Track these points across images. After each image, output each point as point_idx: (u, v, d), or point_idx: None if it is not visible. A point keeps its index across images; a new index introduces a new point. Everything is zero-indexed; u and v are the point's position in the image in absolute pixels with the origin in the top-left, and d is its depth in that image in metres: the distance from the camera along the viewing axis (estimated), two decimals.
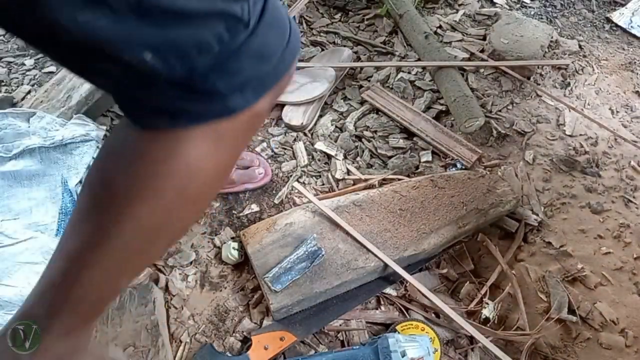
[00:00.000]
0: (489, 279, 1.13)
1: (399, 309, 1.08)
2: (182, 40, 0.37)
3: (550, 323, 1.03)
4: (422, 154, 1.34)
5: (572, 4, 1.87)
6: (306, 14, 1.72)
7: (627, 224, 1.18)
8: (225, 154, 0.49)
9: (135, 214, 0.45)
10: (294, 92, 1.42)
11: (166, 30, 0.36)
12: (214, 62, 0.39)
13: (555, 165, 1.31)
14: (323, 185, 1.28)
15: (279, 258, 1.05)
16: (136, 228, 0.47)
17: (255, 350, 0.96)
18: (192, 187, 0.47)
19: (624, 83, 1.57)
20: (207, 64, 0.39)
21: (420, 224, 1.13)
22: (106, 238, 0.47)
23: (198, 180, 0.47)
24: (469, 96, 1.38)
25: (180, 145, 0.44)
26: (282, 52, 0.46)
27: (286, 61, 0.47)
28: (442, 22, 1.70)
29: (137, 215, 0.46)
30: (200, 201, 0.52)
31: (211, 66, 0.40)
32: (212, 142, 0.45)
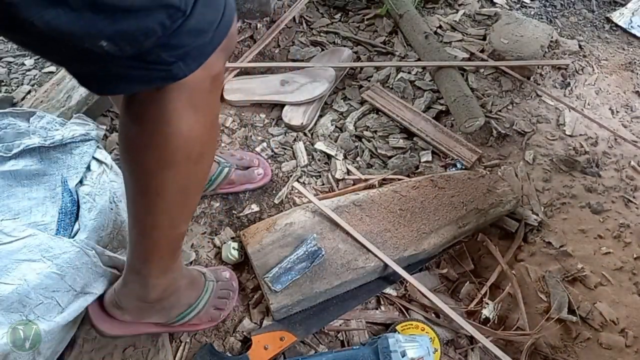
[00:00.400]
0: (489, 279, 1.14)
1: (399, 309, 1.08)
2: (131, 30, 0.46)
3: (550, 323, 1.03)
4: (422, 154, 1.34)
5: (572, 4, 1.87)
6: (306, 14, 1.72)
7: (627, 224, 1.18)
8: (203, 114, 0.61)
9: (166, 182, 0.64)
10: (294, 92, 1.42)
11: (117, 23, 0.45)
12: (158, 42, 0.49)
13: (555, 165, 1.31)
14: (323, 185, 1.28)
15: (279, 258, 1.05)
16: (171, 190, 0.66)
17: (255, 350, 0.96)
18: (188, 146, 0.62)
19: (624, 83, 1.57)
20: (152, 43, 0.49)
21: (420, 224, 1.13)
22: (157, 201, 0.67)
23: (191, 140, 0.61)
24: (469, 96, 1.38)
25: (163, 113, 0.58)
26: (218, 25, 0.55)
27: (222, 32, 0.56)
28: (442, 22, 1.70)
29: (167, 183, 0.65)
30: (204, 157, 0.67)
31: (156, 44, 0.49)
32: (188, 105, 0.58)
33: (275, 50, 1.63)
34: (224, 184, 1.19)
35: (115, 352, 0.97)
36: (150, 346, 0.98)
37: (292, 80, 1.45)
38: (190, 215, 0.77)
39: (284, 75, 1.49)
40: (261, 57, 1.60)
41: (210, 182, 1.17)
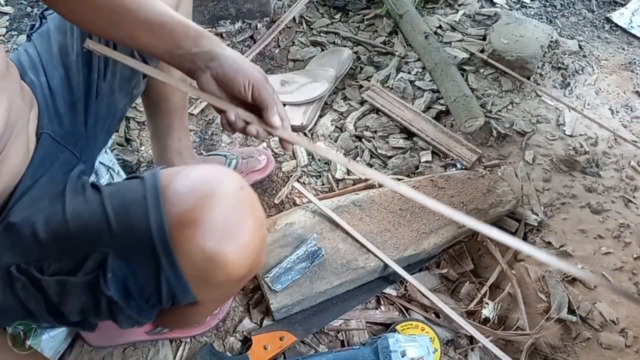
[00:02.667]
0: (489, 279, 1.13)
1: (399, 309, 1.08)
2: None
3: (550, 323, 1.03)
4: (422, 154, 1.34)
5: (572, 4, 1.87)
6: (306, 14, 1.72)
7: (627, 224, 1.18)
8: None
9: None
10: (294, 92, 1.43)
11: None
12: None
13: (555, 165, 1.31)
14: (323, 185, 1.28)
15: (279, 258, 1.05)
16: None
17: (255, 350, 0.96)
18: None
19: (624, 83, 1.57)
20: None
21: (420, 224, 1.13)
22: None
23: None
24: (469, 96, 1.38)
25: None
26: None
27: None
28: (442, 22, 1.70)
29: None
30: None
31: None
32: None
33: (275, 50, 1.63)
34: None
35: (115, 352, 0.97)
36: (150, 346, 0.98)
37: (292, 81, 1.45)
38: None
39: (284, 76, 1.49)
40: (261, 57, 1.60)
41: None
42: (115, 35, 0.68)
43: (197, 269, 0.55)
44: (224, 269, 0.55)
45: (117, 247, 0.55)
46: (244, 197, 0.57)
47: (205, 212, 0.53)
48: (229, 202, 0.55)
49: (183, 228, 0.53)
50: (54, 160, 0.69)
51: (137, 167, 1.28)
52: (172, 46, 0.65)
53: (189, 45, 0.64)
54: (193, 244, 0.53)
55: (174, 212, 0.54)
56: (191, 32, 0.65)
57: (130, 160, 1.29)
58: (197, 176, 0.56)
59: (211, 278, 0.56)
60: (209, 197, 0.54)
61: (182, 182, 0.56)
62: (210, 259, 0.54)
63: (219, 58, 0.65)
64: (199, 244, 0.53)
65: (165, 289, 0.55)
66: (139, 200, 0.55)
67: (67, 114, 0.75)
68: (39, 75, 0.73)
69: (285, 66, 1.60)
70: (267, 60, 1.60)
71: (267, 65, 1.59)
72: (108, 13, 0.64)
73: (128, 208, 0.55)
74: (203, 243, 0.53)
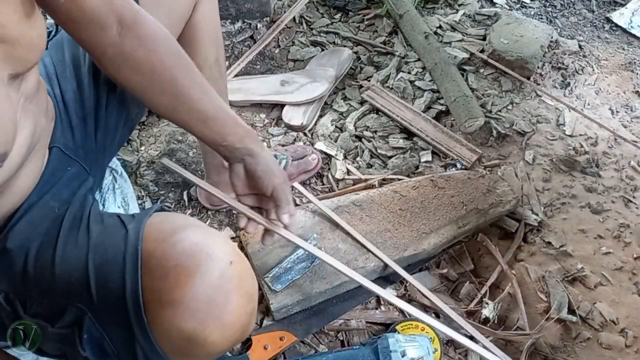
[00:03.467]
0: (489, 279, 1.13)
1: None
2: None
3: (550, 323, 1.03)
4: (422, 154, 1.34)
5: (572, 4, 1.87)
6: (306, 14, 1.72)
7: (627, 224, 1.18)
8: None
9: None
10: (294, 92, 1.43)
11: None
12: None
13: (555, 165, 1.31)
14: (323, 185, 1.28)
15: (279, 258, 1.05)
16: None
17: (255, 350, 0.96)
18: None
19: (624, 83, 1.57)
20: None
21: (420, 224, 1.13)
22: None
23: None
24: (469, 96, 1.38)
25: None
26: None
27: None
28: (442, 22, 1.70)
29: None
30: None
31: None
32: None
33: (275, 50, 1.63)
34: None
35: None
36: None
37: (292, 81, 1.45)
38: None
39: (284, 76, 1.49)
40: (261, 57, 1.60)
41: None
42: (169, 116, 0.72)
43: (174, 345, 0.53)
44: (203, 348, 0.53)
45: (94, 308, 0.54)
46: (232, 273, 0.55)
47: (187, 291, 0.51)
48: (214, 280, 0.52)
49: (162, 307, 0.51)
50: (62, 174, 0.68)
51: (137, 167, 1.28)
52: (219, 138, 0.72)
53: (233, 141, 0.72)
54: (172, 324, 0.51)
55: (153, 288, 0.52)
56: (239, 130, 0.73)
57: (130, 160, 1.29)
58: (183, 248, 0.53)
59: (190, 354, 0.55)
60: (192, 275, 0.51)
61: (167, 252, 0.53)
62: (190, 339, 0.52)
63: (256, 157, 0.74)
64: (177, 325, 0.51)
65: (141, 355, 0.54)
66: (119, 262, 0.54)
67: (79, 127, 0.75)
68: (54, 87, 0.73)
69: (285, 66, 1.60)
70: (267, 60, 1.60)
71: (267, 65, 1.59)
72: (171, 97, 0.68)
73: (108, 269, 0.55)
74: (183, 324, 0.51)
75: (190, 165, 1.30)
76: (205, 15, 0.90)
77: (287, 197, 0.74)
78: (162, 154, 0.72)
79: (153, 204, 1.24)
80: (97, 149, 0.79)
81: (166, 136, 1.34)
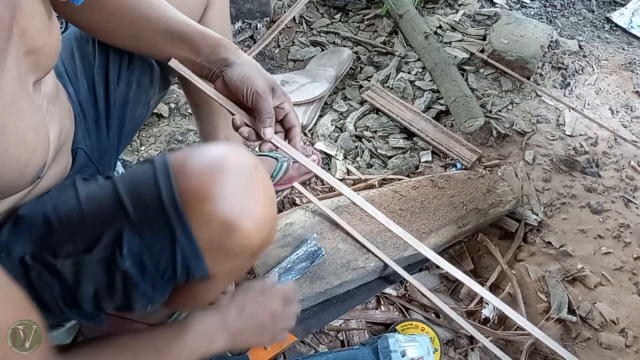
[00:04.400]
0: (489, 279, 1.13)
1: (399, 309, 1.08)
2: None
3: (550, 323, 1.03)
4: (422, 154, 1.34)
5: (572, 4, 1.87)
6: (306, 14, 1.72)
7: (627, 224, 1.18)
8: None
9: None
10: (294, 92, 1.42)
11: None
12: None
13: (555, 165, 1.31)
14: (323, 185, 1.28)
15: (279, 258, 1.05)
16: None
17: (255, 350, 0.96)
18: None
19: (624, 83, 1.57)
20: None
21: (420, 224, 1.13)
22: None
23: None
24: (468, 96, 1.38)
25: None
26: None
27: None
28: (442, 22, 1.70)
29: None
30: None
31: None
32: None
33: (275, 50, 1.63)
34: (284, 180, 1.21)
35: None
36: None
37: (292, 81, 1.45)
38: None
39: (284, 76, 1.49)
40: (261, 57, 1.60)
41: (273, 178, 1.19)
42: (137, 46, 0.71)
43: (212, 238, 0.56)
44: (239, 238, 0.56)
45: (131, 223, 0.55)
46: (258, 174, 0.59)
47: (222, 185, 0.55)
48: (244, 179, 0.57)
49: (202, 202, 0.54)
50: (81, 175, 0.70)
51: None
52: (191, 54, 0.69)
53: (207, 54, 0.68)
54: (209, 214, 0.54)
55: (189, 187, 0.55)
56: (209, 41, 0.69)
57: (130, 160, 1.29)
58: (212, 154, 0.58)
59: (226, 247, 0.57)
60: (225, 171, 0.56)
61: (197, 160, 0.57)
62: (226, 227, 0.55)
63: (232, 66, 0.69)
64: (215, 213, 0.54)
65: (180, 260, 0.56)
66: (150, 178, 0.56)
67: (94, 129, 0.76)
68: (67, 87, 0.74)
69: (285, 66, 1.60)
70: (267, 60, 1.60)
71: (267, 65, 1.59)
72: (130, 25, 0.67)
73: (139, 186, 0.57)
74: (220, 211, 0.54)
75: None
76: (215, 18, 0.90)
77: (265, 107, 0.69)
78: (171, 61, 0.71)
79: None
80: (110, 150, 0.80)
81: (166, 136, 1.34)
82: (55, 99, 0.60)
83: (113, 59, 0.78)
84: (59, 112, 0.61)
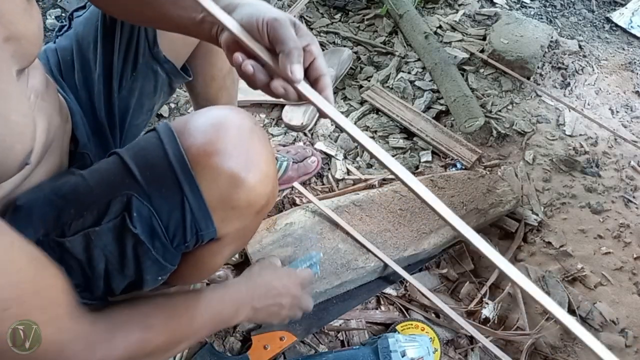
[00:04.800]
0: (489, 279, 1.13)
1: (399, 309, 1.08)
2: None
3: (550, 323, 1.03)
4: (422, 154, 1.34)
5: (572, 4, 1.87)
6: (306, 14, 1.72)
7: (627, 224, 1.18)
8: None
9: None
10: None
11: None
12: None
13: (555, 165, 1.31)
14: (323, 185, 1.28)
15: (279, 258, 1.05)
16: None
17: (255, 350, 0.96)
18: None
19: (624, 83, 1.57)
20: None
21: (420, 224, 1.13)
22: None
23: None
24: (468, 96, 1.38)
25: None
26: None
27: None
28: (442, 22, 1.70)
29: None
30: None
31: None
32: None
33: None
34: (283, 180, 1.21)
35: None
36: None
37: None
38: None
39: None
40: None
41: None
42: (144, 17, 0.66)
43: (220, 193, 0.56)
44: (245, 191, 0.57)
45: (140, 187, 0.55)
46: (259, 132, 0.60)
47: (226, 140, 0.55)
48: (246, 133, 0.57)
49: (209, 157, 0.55)
50: None
51: None
52: (195, 12, 0.58)
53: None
54: (216, 168, 0.55)
55: (195, 144, 0.55)
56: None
57: None
58: (213, 114, 0.58)
59: (233, 201, 0.57)
60: (228, 128, 0.56)
61: (200, 120, 0.57)
62: (233, 180, 0.56)
63: (237, 8, 0.54)
64: (222, 166, 0.55)
65: (190, 220, 0.56)
66: (155, 141, 0.56)
67: (96, 137, 0.76)
68: (67, 93, 0.73)
69: None
70: None
71: None
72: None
73: (146, 152, 0.57)
74: (227, 165, 0.55)
75: None
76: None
77: (289, 35, 0.51)
78: None
79: None
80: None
81: None
82: (44, 94, 0.59)
83: (116, 66, 0.77)
84: (49, 107, 0.60)
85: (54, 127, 0.61)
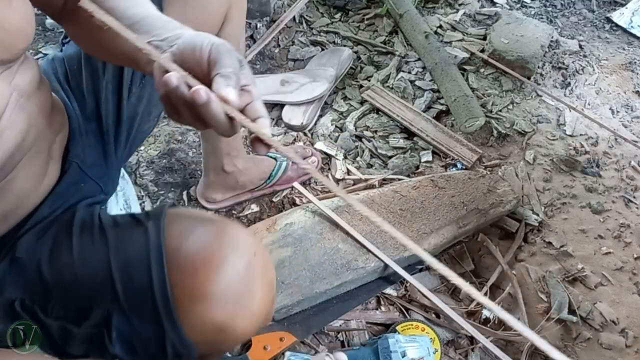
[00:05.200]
0: (489, 279, 1.13)
1: (399, 309, 1.08)
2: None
3: (550, 323, 1.03)
4: (423, 154, 1.34)
5: (572, 4, 1.87)
6: (306, 13, 1.72)
7: (627, 224, 1.18)
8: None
9: None
10: (293, 92, 1.42)
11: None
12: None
13: (556, 165, 1.31)
14: (323, 185, 1.28)
15: (279, 258, 1.04)
16: None
17: (255, 351, 0.96)
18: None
19: (624, 83, 1.56)
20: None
21: (421, 224, 1.13)
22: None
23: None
24: (469, 96, 1.38)
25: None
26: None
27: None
28: (442, 22, 1.70)
29: None
30: None
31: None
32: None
33: (275, 50, 1.62)
34: (282, 180, 1.21)
35: None
36: None
37: (292, 80, 1.45)
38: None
39: (284, 75, 1.49)
40: (261, 57, 1.60)
41: (271, 178, 1.19)
42: (110, 54, 0.62)
43: (205, 337, 0.54)
44: (232, 337, 0.55)
45: (122, 307, 0.54)
46: (257, 263, 0.56)
47: (218, 285, 0.52)
48: (241, 272, 0.54)
49: (194, 303, 0.52)
50: (76, 191, 0.67)
51: (136, 167, 1.28)
52: (146, 35, 0.52)
53: (161, 32, 0.52)
54: (204, 318, 0.53)
55: (184, 284, 0.53)
56: (171, 25, 0.53)
57: (130, 160, 1.29)
58: (207, 242, 0.55)
59: (219, 343, 0.56)
60: (222, 269, 0.53)
61: (192, 246, 0.54)
62: (221, 330, 0.54)
63: (183, 36, 0.50)
64: (210, 318, 0.52)
65: (170, 350, 0.55)
66: (143, 258, 0.54)
67: (99, 145, 0.74)
68: (72, 100, 0.71)
69: (285, 66, 1.60)
70: (267, 60, 1.60)
71: (267, 65, 1.59)
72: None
73: (132, 269, 0.55)
74: (215, 317, 0.52)
75: (189, 165, 1.30)
76: (234, 32, 0.88)
77: (228, 60, 0.46)
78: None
79: (153, 204, 1.24)
80: (117, 166, 0.78)
81: (166, 136, 1.34)
82: (30, 95, 0.56)
83: (127, 72, 0.75)
84: (33, 108, 0.57)
85: (36, 130, 0.59)
